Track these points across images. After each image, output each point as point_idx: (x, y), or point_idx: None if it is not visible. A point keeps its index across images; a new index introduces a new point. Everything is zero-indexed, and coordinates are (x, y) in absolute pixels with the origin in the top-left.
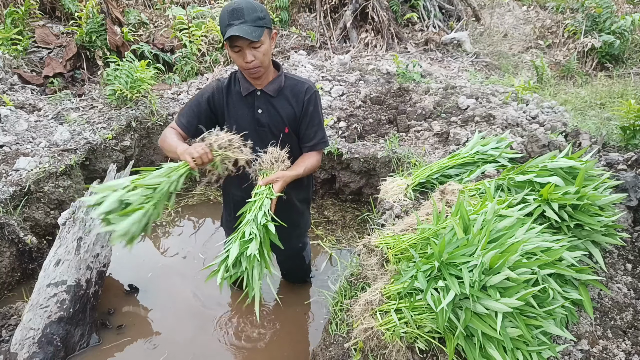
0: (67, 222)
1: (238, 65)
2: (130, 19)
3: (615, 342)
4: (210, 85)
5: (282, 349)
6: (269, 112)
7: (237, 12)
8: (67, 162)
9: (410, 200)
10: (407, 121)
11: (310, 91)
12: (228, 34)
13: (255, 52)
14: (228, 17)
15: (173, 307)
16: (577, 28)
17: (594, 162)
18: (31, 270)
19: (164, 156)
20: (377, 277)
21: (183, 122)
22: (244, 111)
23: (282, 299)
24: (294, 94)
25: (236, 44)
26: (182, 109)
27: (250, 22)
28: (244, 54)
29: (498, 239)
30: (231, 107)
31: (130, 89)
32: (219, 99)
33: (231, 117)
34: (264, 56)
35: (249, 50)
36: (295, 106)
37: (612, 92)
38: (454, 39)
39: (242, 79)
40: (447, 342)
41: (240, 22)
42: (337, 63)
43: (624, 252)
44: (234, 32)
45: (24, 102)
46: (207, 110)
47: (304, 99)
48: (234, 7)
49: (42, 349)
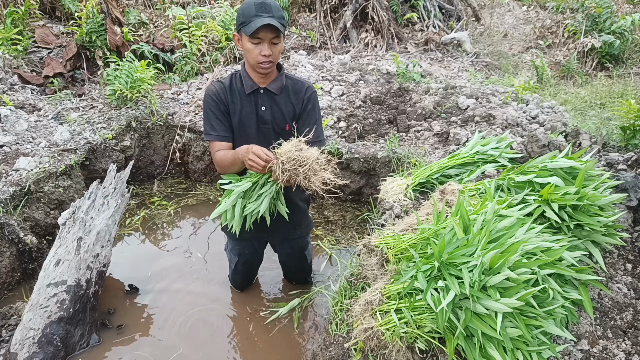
0: (67, 222)
1: (251, 59)
2: (130, 19)
3: (615, 342)
4: (213, 88)
5: (282, 348)
6: (272, 109)
7: (266, 6)
8: (67, 162)
9: (410, 200)
10: (407, 121)
11: (310, 90)
12: (259, 22)
13: (273, 47)
14: (256, 9)
15: (173, 307)
16: (577, 28)
17: (594, 162)
18: (31, 270)
19: (164, 157)
20: (377, 277)
21: (215, 134)
22: (248, 109)
23: (282, 298)
24: (295, 92)
25: (259, 35)
26: (208, 126)
27: (277, 18)
28: (263, 47)
29: (498, 239)
30: (235, 105)
31: (130, 89)
32: (224, 98)
33: (235, 115)
34: (278, 53)
35: (269, 44)
36: (296, 104)
37: (612, 92)
38: (454, 39)
39: (246, 77)
40: (447, 342)
41: (269, 16)
42: (337, 63)
43: (624, 252)
44: (267, 21)
45: (24, 102)
46: (225, 109)
47: (303, 97)
48: (263, 1)
49: (42, 349)
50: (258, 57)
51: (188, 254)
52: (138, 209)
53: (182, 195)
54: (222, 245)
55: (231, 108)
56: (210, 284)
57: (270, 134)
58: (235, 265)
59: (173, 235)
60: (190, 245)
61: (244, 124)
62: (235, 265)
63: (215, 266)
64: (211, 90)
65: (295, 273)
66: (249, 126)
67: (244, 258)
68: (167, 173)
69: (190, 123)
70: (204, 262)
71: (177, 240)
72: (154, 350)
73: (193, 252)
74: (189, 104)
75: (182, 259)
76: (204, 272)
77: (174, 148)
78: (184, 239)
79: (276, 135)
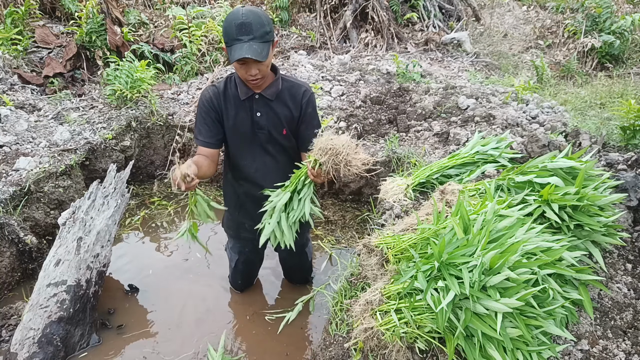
0: (67, 222)
1: (240, 75)
2: (130, 19)
3: (615, 342)
4: (207, 93)
5: (282, 348)
6: (268, 114)
7: (246, 27)
8: (67, 162)
9: (410, 200)
10: (407, 121)
11: (307, 94)
12: (237, 53)
13: (260, 66)
14: (236, 31)
15: (173, 307)
16: (577, 28)
17: (593, 162)
18: (31, 270)
19: (164, 157)
20: (377, 277)
21: (203, 139)
22: (243, 114)
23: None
24: (292, 96)
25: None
26: (196, 128)
27: (259, 38)
28: (248, 68)
29: (498, 239)
30: (230, 111)
31: (130, 89)
32: (218, 103)
33: (229, 120)
34: (266, 68)
35: (255, 64)
36: (294, 109)
37: (612, 92)
38: (454, 39)
39: (240, 84)
40: (447, 342)
41: (249, 39)
42: (337, 63)
43: (624, 252)
44: (244, 53)
45: (24, 102)
46: (216, 116)
47: (301, 102)
48: (242, 22)
49: (42, 349)
50: (246, 76)
51: (188, 254)
52: (138, 209)
53: (182, 195)
54: (222, 246)
55: (225, 114)
56: (211, 284)
57: (267, 139)
58: (236, 264)
59: (173, 235)
60: (190, 245)
61: (238, 129)
62: (236, 264)
63: (216, 266)
64: (205, 95)
65: (295, 271)
66: (244, 131)
67: (244, 256)
68: (167, 173)
69: (190, 123)
70: (204, 263)
71: (177, 240)
72: (154, 350)
73: (193, 252)
74: (189, 104)
75: (182, 259)
76: (204, 273)
77: (174, 148)
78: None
79: (273, 140)
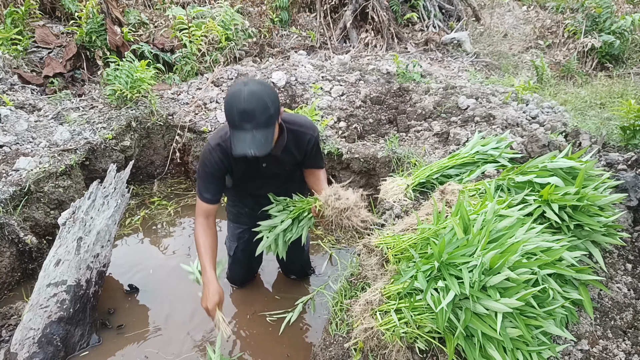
0: (67, 222)
1: None
2: (130, 19)
3: (615, 342)
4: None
5: (282, 348)
6: (273, 163)
7: (249, 115)
8: (67, 162)
9: (410, 200)
10: (407, 121)
11: (312, 140)
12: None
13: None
14: (238, 117)
15: (173, 307)
16: (577, 28)
17: (593, 162)
18: (31, 270)
19: (164, 157)
20: (377, 277)
21: (209, 197)
22: (249, 167)
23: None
24: (297, 144)
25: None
26: (200, 185)
27: (262, 125)
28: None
29: (498, 239)
30: (238, 166)
31: (130, 89)
32: (228, 164)
33: (237, 173)
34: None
35: None
36: (298, 154)
37: (612, 92)
38: (454, 39)
39: None
40: (447, 342)
41: (252, 127)
42: (337, 63)
43: (624, 252)
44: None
45: (24, 102)
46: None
47: (306, 148)
48: (244, 109)
49: (42, 349)
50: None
51: (188, 253)
52: (138, 209)
53: (182, 195)
54: (222, 246)
55: (232, 170)
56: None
57: (271, 176)
58: (235, 252)
59: (173, 235)
60: (190, 245)
61: (245, 175)
62: (235, 251)
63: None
64: (214, 157)
65: (293, 263)
66: (252, 175)
67: (243, 243)
68: (167, 173)
69: (190, 123)
70: None
71: (177, 240)
72: (154, 350)
73: (193, 252)
74: (189, 104)
75: (182, 258)
76: None
77: (174, 148)
78: (184, 239)
79: (277, 177)
